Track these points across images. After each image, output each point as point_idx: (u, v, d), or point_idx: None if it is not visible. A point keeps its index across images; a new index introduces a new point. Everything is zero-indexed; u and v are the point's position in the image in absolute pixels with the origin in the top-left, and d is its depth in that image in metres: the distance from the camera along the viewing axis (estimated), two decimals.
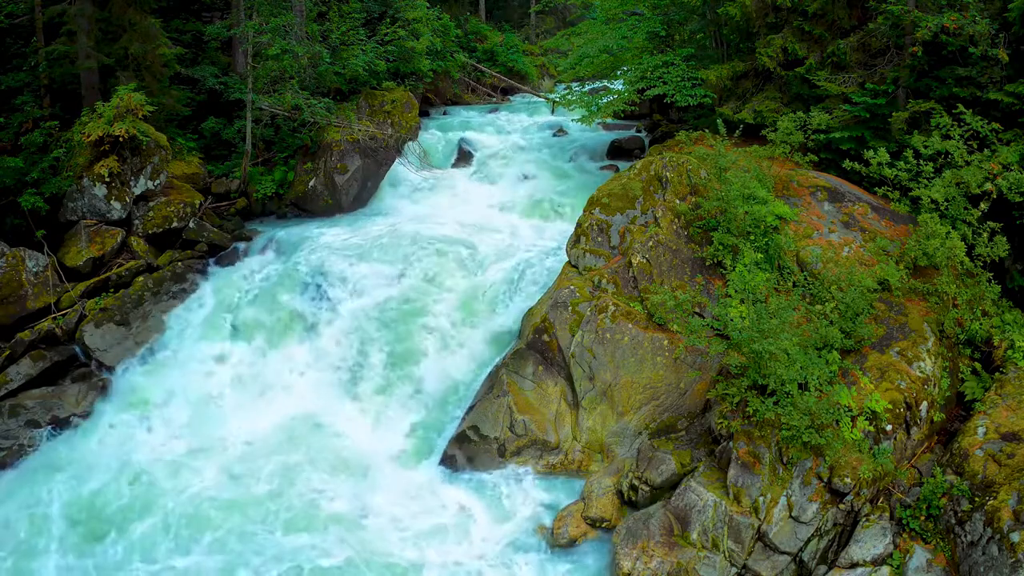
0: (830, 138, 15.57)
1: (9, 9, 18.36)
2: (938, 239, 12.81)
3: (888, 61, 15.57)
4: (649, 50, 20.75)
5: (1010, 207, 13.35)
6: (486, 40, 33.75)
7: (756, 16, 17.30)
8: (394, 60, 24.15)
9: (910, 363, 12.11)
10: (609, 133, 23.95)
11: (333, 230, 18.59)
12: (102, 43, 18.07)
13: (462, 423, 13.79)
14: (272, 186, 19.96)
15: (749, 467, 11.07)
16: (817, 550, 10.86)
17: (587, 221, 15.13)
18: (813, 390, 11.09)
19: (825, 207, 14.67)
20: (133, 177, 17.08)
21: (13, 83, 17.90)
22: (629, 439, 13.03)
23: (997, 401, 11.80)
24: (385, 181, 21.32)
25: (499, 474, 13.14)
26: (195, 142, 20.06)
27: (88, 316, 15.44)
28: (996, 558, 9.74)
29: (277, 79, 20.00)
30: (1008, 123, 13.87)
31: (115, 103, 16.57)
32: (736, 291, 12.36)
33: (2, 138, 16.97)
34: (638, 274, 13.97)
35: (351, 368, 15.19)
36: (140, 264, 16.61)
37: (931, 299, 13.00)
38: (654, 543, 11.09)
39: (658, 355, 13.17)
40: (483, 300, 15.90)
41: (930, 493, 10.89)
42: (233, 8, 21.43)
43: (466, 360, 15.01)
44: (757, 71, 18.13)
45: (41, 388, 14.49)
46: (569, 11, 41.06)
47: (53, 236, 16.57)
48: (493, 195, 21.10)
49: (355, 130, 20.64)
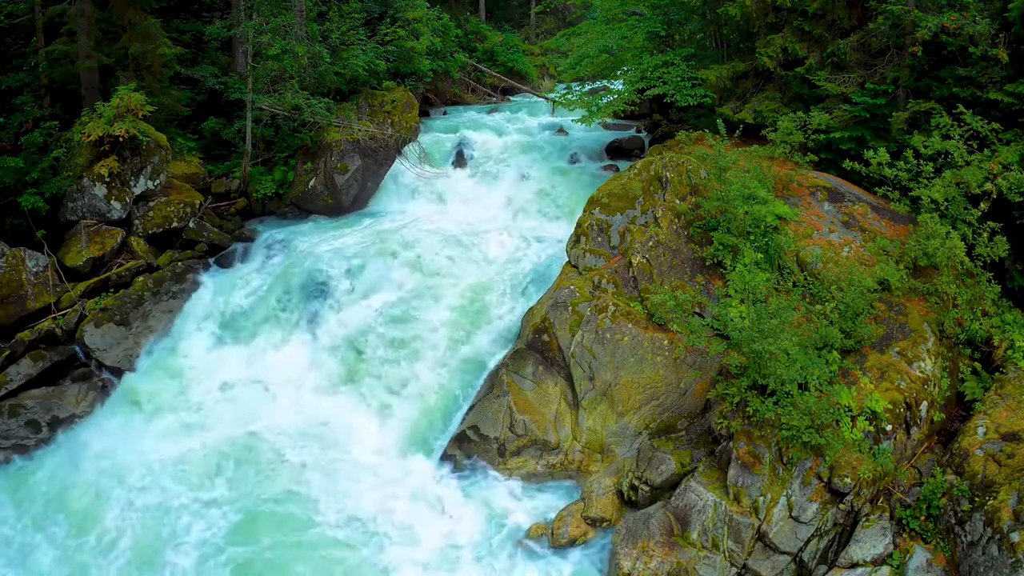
0: (830, 138, 15.56)
1: (9, 9, 18.39)
2: (938, 239, 12.80)
3: (888, 61, 15.56)
4: (649, 50, 20.74)
5: (1010, 207, 13.34)
6: (486, 40, 33.75)
7: (756, 16, 17.30)
8: (394, 60, 24.15)
9: (910, 363, 12.11)
10: (609, 133, 23.94)
11: (333, 230, 18.60)
12: (102, 43, 18.08)
13: (462, 423, 13.79)
14: (272, 186, 19.96)
15: (749, 467, 11.07)
16: (817, 550, 10.86)
17: (587, 221, 15.13)
18: (813, 390, 11.09)
19: (825, 207, 14.67)
20: (133, 177, 17.08)
21: (13, 83, 17.92)
22: (629, 439, 13.03)
23: (997, 401, 11.79)
24: (385, 181, 21.32)
25: (499, 474, 13.14)
26: (195, 142, 20.06)
27: (88, 316, 15.45)
28: (996, 558, 9.74)
29: (277, 79, 20.01)
30: (1008, 123, 13.86)
31: (115, 103, 16.59)
32: (736, 291, 12.36)
33: (2, 138, 16.98)
34: (638, 274, 13.97)
35: (351, 368, 15.18)
36: (140, 264, 16.61)
37: (931, 299, 13.00)
38: (654, 543, 11.09)
39: (658, 355, 13.17)
40: (483, 300, 15.90)
41: (930, 493, 10.88)
42: (233, 8, 21.43)
43: (466, 360, 15.00)
44: (757, 71, 18.13)
45: (41, 388, 14.50)
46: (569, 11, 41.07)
47: (53, 236, 16.57)
48: (493, 195, 21.10)
49: (355, 130, 20.64)
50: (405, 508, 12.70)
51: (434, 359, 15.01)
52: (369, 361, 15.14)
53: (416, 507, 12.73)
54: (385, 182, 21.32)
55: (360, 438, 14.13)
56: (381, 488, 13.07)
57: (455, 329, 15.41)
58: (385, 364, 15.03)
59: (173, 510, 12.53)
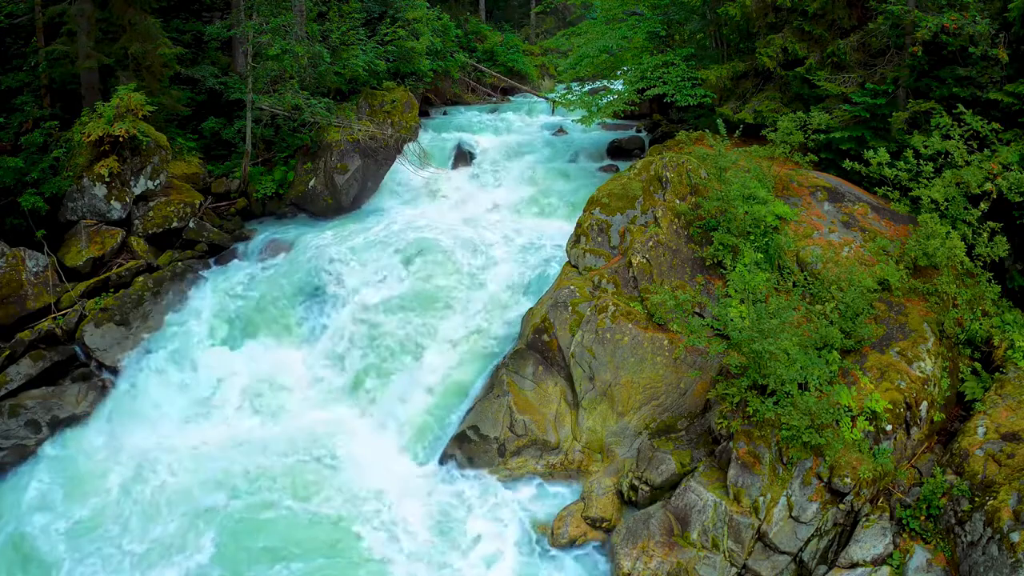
0: (830, 138, 15.56)
1: (9, 9, 18.37)
2: (938, 239, 12.80)
3: (888, 61, 15.56)
4: (649, 50, 20.76)
5: (1010, 207, 13.34)
6: (486, 40, 33.76)
7: (756, 16, 17.31)
8: (394, 60, 24.15)
9: (910, 363, 12.11)
10: (609, 133, 23.97)
11: (333, 230, 18.60)
12: (102, 43, 18.07)
13: (462, 423, 13.79)
14: (272, 186, 19.96)
15: (749, 467, 11.07)
16: (817, 550, 10.86)
17: (587, 221, 15.13)
18: (813, 390, 11.09)
19: (825, 207, 14.67)
20: (133, 177, 17.08)
21: (13, 83, 17.91)
22: (629, 439, 13.03)
23: (997, 401, 11.79)
24: (385, 181, 21.33)
25: (499, 474, 13.13)
26: (195, 142, 20.05)
27: (88, 316, 15.44)
28: (996, 558, 9.74)
29: (277, 79, 20.01)
30: (1008, 123, 13.86)
31: (115, 103, 16.58)
32: (736, 291, 12.35)
33: (2, 138, 16.98)
34: (638, 274, 13.97)
35: (351, 367, 15.19)
36: (140, 264, 16.61)
37: (931, 299, 13.00)
38: (654, 543, 11.09)
39: (658, 355, 13.17)
40: (482, 300, 15.90)
41: (930, 493, 10.88)
42: (233, 8, 21.42)
43: (466, 360, 15.00)
44: (757, 71, 18.14)
45: (41, 388, 14.48)
46: (569, 11, 41.05)
47: (53, 236, 16.56)
48: (493, 195, 21.12)
49: (355, 130, 20.63)
50: (404, 507, 12.68)
51: (434, 358, 15.00)
52: (369, 360, 15.12)
53: (415, 507, 12.72)
54: (385, 182, 21.33)
55: (359, 436, 14.13)
56: (380, 488, 13.06)
57: (453, 328, 15.41)
58: (385, 363, 15.02)
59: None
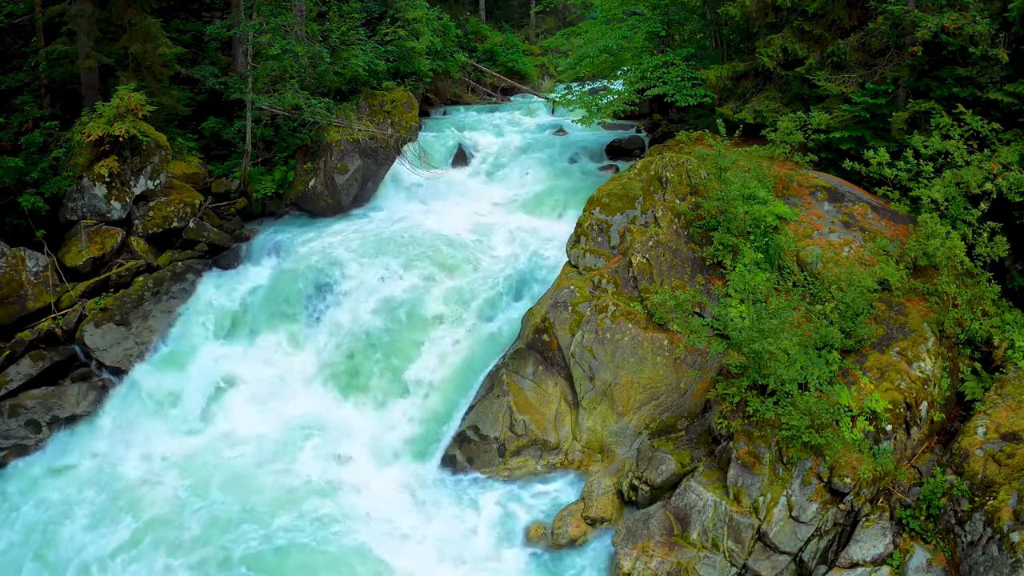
0: (830, 138, 15.56)
1: (9, 9, 18.37)
2: (938, 239, 12.80)
3: (888, 61, 15.57)
4: (649, 50, 20.74)
5: (1010, 207, 13.34)
6: (486, 40, 33.73)
7: (756, 16, 17.31)
8: (394, 60, 24.13)
9: (910, 363, 12.11)
10: (609, 133, 23.95)
11: (333, 230, 18.60)
12: (102, 43, 18.06)
13: (462, 423, 13.79)
14: (272, 186, 19.96)
15: (749, 467, 11.07)
16: (817, 550, 10.86)
17: (587, 221, 15.13)
18: (813, 390, 11.09)
19: (825, 207, 14.67)
20: (133, 177, 17.08)
21: (13, 83, 17.91)
22: (629, 439, 13.03)
23: (997, 401, 11.79)
24: (385, 181, 21.32)
25: (499, 474, 13.13)
26: (195, 142, 20.05)
27: (88, 316, 15.44)
28: (996, 558, 9.74)
29: (277, 79, 20.00)
30: (1008, 123, 13.87)
31: (115, 103, 16.58)
32: (736, 291, 12.36)
33: (2, 138, 16.98)
34: (638, 274, 13.97)
35: (351, 367, 15.18)
36: (140, 264, 16.60)
37: (931, 299, 13.00)
38: (654, 543, 11.09)
39: (658, 355, 13.17)
40: (483, 300, 15.90)
41: (930, 493, 10.88)
42: (233, 8, 21.42)
43: (466, 360, 14.99)
44: (757, 71, 18.13)
45: (41, 388, 14.50)
46: (569, 11, 40.99)
47: (53, 236, 16.57)
48: (492, 195, 21.11)
49: (355, 130, 20.63)
50: (404, 507, 12.69)
51: (434, 358, 15.00)
52: (368, 360, 15.13)
53: (415, 506, 12.72)
54: (385, 182, 21.32)
55: (359, 436, 14.13)
56: (380, 487, 13.07)
57: (454, 328, 15.41)
58: (384, 363, 15.03)
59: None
